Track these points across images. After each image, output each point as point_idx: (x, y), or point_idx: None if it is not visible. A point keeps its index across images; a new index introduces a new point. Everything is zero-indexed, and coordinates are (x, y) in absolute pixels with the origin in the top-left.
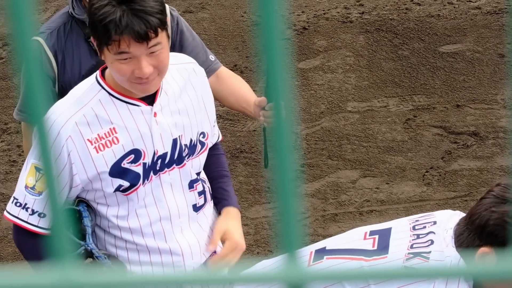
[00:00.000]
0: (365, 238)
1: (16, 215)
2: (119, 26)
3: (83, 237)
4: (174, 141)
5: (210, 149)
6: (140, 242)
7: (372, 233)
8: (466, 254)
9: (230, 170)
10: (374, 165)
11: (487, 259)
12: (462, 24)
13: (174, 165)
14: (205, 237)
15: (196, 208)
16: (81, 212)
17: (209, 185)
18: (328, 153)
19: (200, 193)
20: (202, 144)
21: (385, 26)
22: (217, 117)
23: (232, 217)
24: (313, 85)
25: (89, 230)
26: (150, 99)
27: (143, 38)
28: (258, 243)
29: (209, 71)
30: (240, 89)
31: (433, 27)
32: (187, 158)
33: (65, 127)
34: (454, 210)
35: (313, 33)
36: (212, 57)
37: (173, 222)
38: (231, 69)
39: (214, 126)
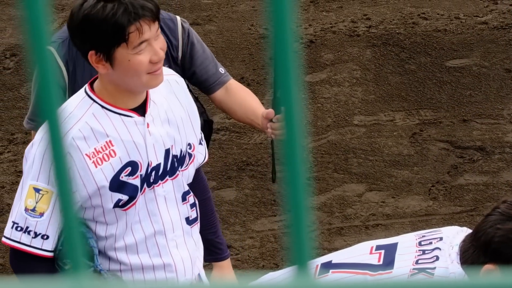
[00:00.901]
0: (371, 253)
1: (18, 240)
2: (137, 12)
3: (90, 258)
4: (167, 152)
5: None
6: (135, 262)
7: (378, 247)
8: (471, 271)
9: (237, 183)
10: (380, 179)
11: (491, 276)
12: (469, 39)
13: (167, 177)
14: (196, 252)
15: (189, 221)
16: (84, 234)
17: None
18: (334, 167)
19: (192, 206)
20: (190, 155)
21: (392, 40)
22: (224, 130)
23: (227, 272)
24: (319, 99)
25: (96, 251)
26: (141, 110)
27: (157, 16)
28: (264, 256)
29: (219, 83)
30: (249, 102)
31: (440, 42)
32: (179, 169)
33: None
34: (460, 225)
35: (320, 47)
36: (222, 69)
37: (168, 236)
38: (237, 82)
39: (201, 144)
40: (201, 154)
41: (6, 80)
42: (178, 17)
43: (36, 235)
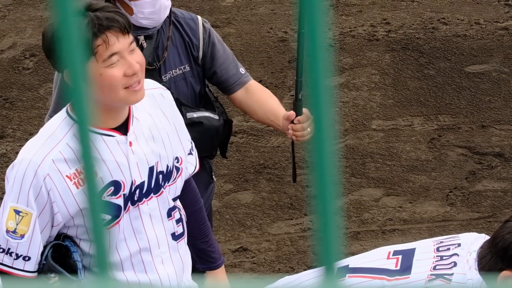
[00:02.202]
0: (388, 258)
1: (0, 262)
2: (102, 24)
3: (73, 272)
4: (151, 169)
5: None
6: (120, 278)
7: (395, 253)
8: (488, 277)
9: (253, 186)
10: (398, 184)
11: (509, 282)
12: (489, 44)
13: (152, 194)
14: (183, 266)
15: (175, 237)
16: (69, 248)
17: (184, 213)
18: (351, 171)
19: (178, 221)
20: (177, 169)
21: (411, 45)
22: (241, 132)
23: (221, 279)
24: (337, 103)
25: (79, 265)
26: (123, 128)
27: (126, 28)
28: (280, 259)
29: (239, 84)
30: (269, 103)
31: (459, 47)
32: (164, 186)
33: (41, 166)
34: (477, 231)
35: (339, 51)
36: (242, 70)
37: (153, 253)
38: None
39: (191, 154)
40: (191, 164)
41: (25, 80)
42: (199, 17)
43: (17, 256)
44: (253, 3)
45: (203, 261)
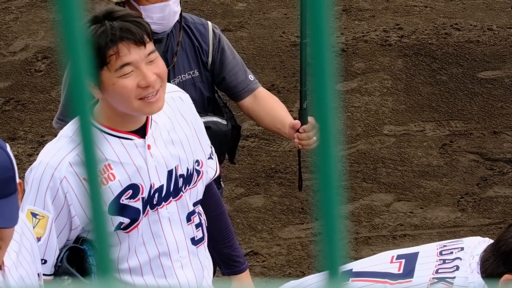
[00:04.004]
0: (391, 262)
1: None
2: (115, 33)
3: (88, 276)
4: (169, 173)
5: (206, 187)
6: (140, 282)
7: (399, 257)
8: (490, 280)
9: (265, 190)
10: (409, 189)
11: (510, 286)
12: (502, 50)
13: (171, 198)
14: (203, 271)
15: (195, 242)
16: (86, 251)
17: (205, 218)
18: (363, 176)
19: (197, 226)
20: (198, 172)
21: (424, 50)
22: (253, 136)
23: (246, 283)
24: (349, 107)
25: (94, 269)
26: (142, 132)
27: (141, 40)
28: (290, 264)
29: (248, 90)
30: (276, 110)
31: (472, 53)
32: (184, 189)
33: (58, 168)
34: (488, 237)
35: (352, 55)
36: (251, 77)
37: (172, 258)
38: (268, 89)
39: (211, 158)
40: (211, 168)
41: (37, 83)
42: (209, 23)
43: None
44: (266, 7)
45: (228, 265)
